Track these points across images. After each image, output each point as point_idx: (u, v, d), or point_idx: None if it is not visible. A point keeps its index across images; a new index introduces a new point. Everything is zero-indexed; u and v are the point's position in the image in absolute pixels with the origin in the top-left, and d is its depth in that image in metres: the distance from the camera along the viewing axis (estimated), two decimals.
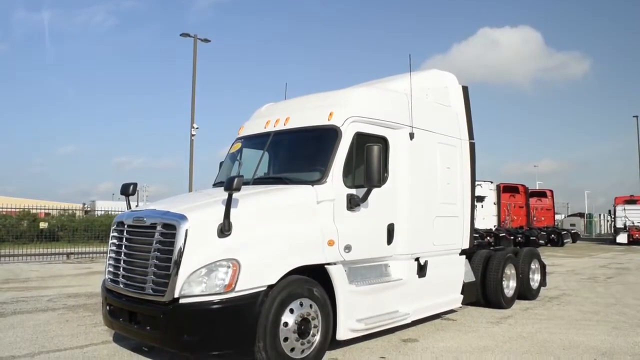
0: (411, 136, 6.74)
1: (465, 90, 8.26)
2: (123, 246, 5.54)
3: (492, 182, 28.15)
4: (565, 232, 31.42)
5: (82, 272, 14.88)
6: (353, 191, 5.94)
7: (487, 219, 26.10)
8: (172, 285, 4.86)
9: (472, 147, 8.13)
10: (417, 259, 6.85)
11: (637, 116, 43.17)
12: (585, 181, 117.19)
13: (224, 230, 5.02)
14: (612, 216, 35.87)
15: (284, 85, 8.35)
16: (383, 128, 6.48)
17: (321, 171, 5.84)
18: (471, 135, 8.14)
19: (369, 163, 5.69)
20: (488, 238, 22.54)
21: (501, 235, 23.56)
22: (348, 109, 6.16)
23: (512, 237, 24.39)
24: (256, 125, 7.09)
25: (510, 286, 9.09)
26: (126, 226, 5.58)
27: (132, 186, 6.20)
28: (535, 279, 9.94)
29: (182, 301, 4.84)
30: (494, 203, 27.94)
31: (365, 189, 5.91)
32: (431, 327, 7.30)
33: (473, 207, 8.13)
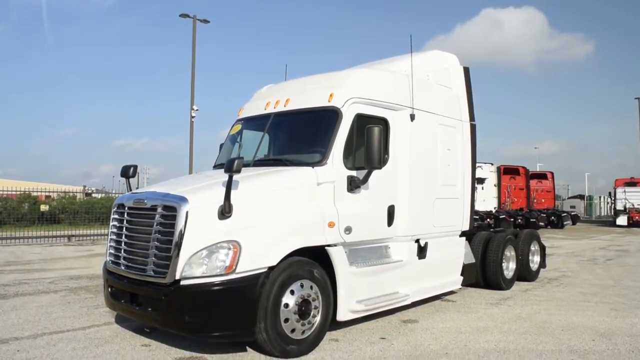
0: (412, 117, 6.70)
1: (466, 71, 8.22)
2: (124, 228, 5.55)
3: (493, 164, 28.14)
4: (565, 214, 31.43)
5: (84, 255, 14.96)
6: (353, 173, 5.92)
7: (488, 201, 26.14)
8: (173, 267, 4.87)
9: (473, 129, 8.11)
10: (417, 241, 6.86)
11: (639, 98, 43.01)
12: (586, 163, 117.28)
13: (225, 212, 5.01)
14: (612, 198, 35.82)
15: (284, 66, 8.30)
16: (384, 109, 6.44)
17: (321, 153, 5.81)
18: (472, 116, 8.11)
19: (370, 144, 5.67)
20: (488, 220, 22.62)
21: (501, 217, 23.57)
22: (348, 90, 6.12)
23: (512, 219, 24.40)
24: (256, 106, 7.04)
25: (509, 268, 9.13)
26: (127, 208, 5.58)
27: (133, 168, 6.18)
28: (534, 261, 9.98)
29: (183, 283, 4.86)
30: (495, 185, 27.97)
31: (365, 171, 5.89)
32: (431, 308, 7.35)
33: (473, 189, 8.14)
